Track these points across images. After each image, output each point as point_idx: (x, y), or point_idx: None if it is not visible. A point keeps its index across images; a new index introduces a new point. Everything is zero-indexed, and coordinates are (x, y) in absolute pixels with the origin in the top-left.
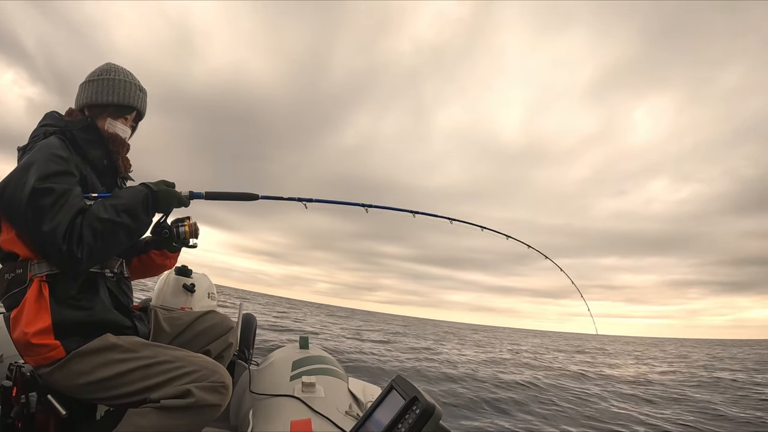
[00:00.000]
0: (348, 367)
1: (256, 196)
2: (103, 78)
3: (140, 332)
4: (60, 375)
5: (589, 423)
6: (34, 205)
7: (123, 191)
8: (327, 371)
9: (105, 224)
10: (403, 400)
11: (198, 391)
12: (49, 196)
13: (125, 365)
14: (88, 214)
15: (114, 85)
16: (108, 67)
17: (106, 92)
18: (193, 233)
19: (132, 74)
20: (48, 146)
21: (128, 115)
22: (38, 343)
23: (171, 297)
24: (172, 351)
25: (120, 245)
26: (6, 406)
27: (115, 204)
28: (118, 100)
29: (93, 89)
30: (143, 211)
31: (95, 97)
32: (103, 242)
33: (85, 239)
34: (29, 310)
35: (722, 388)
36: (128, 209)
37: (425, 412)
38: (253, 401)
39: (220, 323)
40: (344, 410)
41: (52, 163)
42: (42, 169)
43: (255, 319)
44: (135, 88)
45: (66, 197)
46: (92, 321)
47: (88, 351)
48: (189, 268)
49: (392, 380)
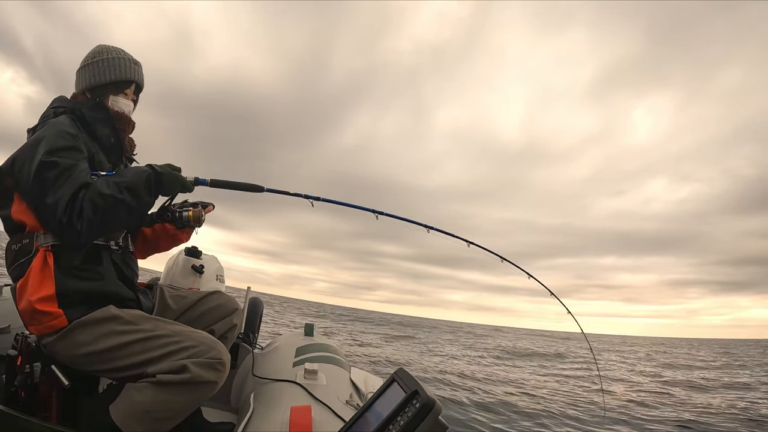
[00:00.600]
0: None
1: (262, 188)
2: (98, 60)
3: (144, 306)
4: (62, 345)
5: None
6: (40, 177)
7: (128, 170)
8: (330, 359)
9: (106, 200)
10: (403, 393)
11: (194, 367)
12: (54, 169)
13: (125, 337)
14: (91, 188)
15: (109, 64)
16: (100, 49)
17: (103, 72)
18: (196, 220)
19: (123, 50)
20: (58, 123)
21: (128, 89)
22: (42, 310)
23: (180, 277)
24: (171, 325)
25: (119, 222)
26: (10, 375)
27: (118, 181)
28: (116, 76)
29: (90, 72)
30: (145, 190)
31: (94, 78)
32: (102, 217)
33: (85, 213)
34: (34, 278)
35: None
36: (130, 187)
37: (425, 406)
38: (255, 385)
39: (225, 304)
40: (345, 399)
41: (60, 138)
42: (50, 143)
43: (262, 304)
44: (129, 63)
45: (71, 171)
46: (95, 291)
47: (90, 321)
48: (199, 249)
49: (394, 373)
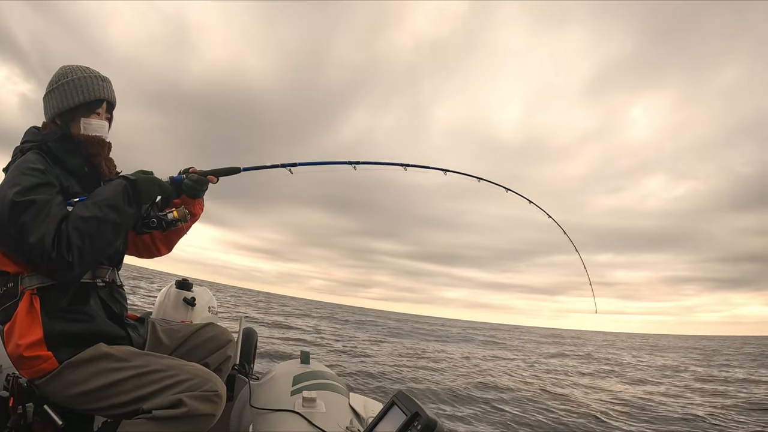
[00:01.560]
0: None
1: (238, 169)
2: (62, 83)
3: (134, 342)
4: (54, 385)
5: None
6: (17, 220)
7: (102, 188)
8: (328, 386)
9: (89, 222)
10: (404, 415)
11: (190, 401)
12: (30, 209)
13: (118, 374)
14: (71, 216)
15: (75, 86)
16: (63, 71)
17: (70, 95)
18: (182, 217)
19: (89, 68)
20: (24, 162)
21: (99, 108)
22: (30, 356)
23: (171, 310)
24: (164, 360)
25: (109, 242)
26: (3, 417)
27: (96, 201)
28: (84, 97)
29: (57, 97)
30: (125, 202)
31: (61, 103)
32: (91, 242)
33: (73, 243)
34: (21, 323)
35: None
36: (110, 203)
37: (427, 427)
38: (254, 416)
39: (218, 336)
40: (345, 425)
41: (28, 176)
42: (20, 183)
43: (256, 334)
44: (96, 80)
45: (48, 206)
46: (84, 332)
47: (81, 361)
48: (189, 282)
49: (393, 395)
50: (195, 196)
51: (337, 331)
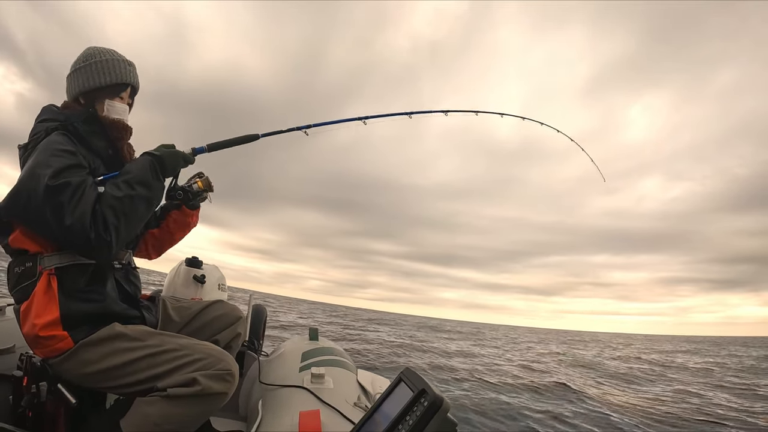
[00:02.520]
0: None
1: (257, 136)
2: (90, 63)
3: (148, 321)
4: (69, 365)
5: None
6: (53, 202)
7: (129, 165)
8: (336, 363)
9: (123, 201)
10: (411, 392)
11: (204, 380)
12: (66, 191)
13: (132, 354)
14: (104, 196)
15: (103, 67)
16: (91, 51)
17: (97, 75)
18: (207, 186)
19: (116, 51)
20: (52, 143)
21: (123, 92)
22: (47, 335)
23: (181, 288)
24: (178, 339)
25: (143, 218)
26: (17, 396)
27: (126, 179)
28: (110, 80)
29: (83, 76)
30: (154, 177)
31: (87, 83)
32: (126, 220)
33: (110, 222)
34: (38, 303)
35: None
36: (140, 180)
37: (433, 404)
38: (263, 392)
39: (228, 313)
40: (353, 402)
41: (60, 158)
42: (52, 165)
43: (265, 310)
44: (123, 64)
45: (83, 188)
46: (100, 312)
47: (96, 340)
48: (199, 260)
49: (401, 373)
50: (193, 208)
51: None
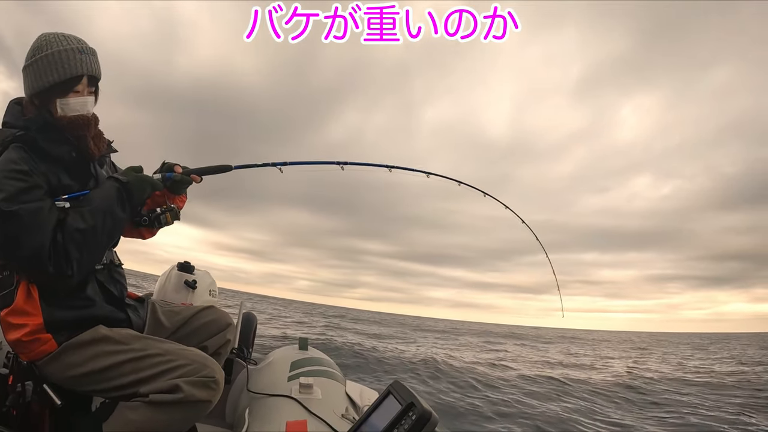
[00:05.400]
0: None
1: (230, 167)
2: (37, 59)
3: (134, 324)
4: (53, 367)
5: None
6: (6, 230)
7: (95, 192)
8: (325, 373)
9: (85, 233)
10: (399, 405)
11: (187, 386)
12: (20, 219)
13: (116, 357)
14: (67, 228)
15: (49, 63)
16: (39, 44)
17: (43, 74)
18: (175, 218)
19: (68, 37)
20: (7, 162)
21: (78, 85)
22: (30, 340)
23: (172, 293)
24: (162, 344)
25: (105, 247)
26: (2, 394)
27: (91, 209)
28: (58, 77)
29: (32, 75)
30: (120, 207)
31: (36, 83)
32: (88, 252)
33: (72, 256)
34: (20, 310)
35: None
36: (105, 210)
37: (421, 418)
38: (250, 400)
39: (218, 319)
40: (341, 413)
41: (14, 180)
42: (4, 189)
43: (255, 318)
44: (74, 53)
45: (40, 215)
46: (84, 318)
47: (80, 343)
48: (191, 265)
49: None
50: (176, 193)
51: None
